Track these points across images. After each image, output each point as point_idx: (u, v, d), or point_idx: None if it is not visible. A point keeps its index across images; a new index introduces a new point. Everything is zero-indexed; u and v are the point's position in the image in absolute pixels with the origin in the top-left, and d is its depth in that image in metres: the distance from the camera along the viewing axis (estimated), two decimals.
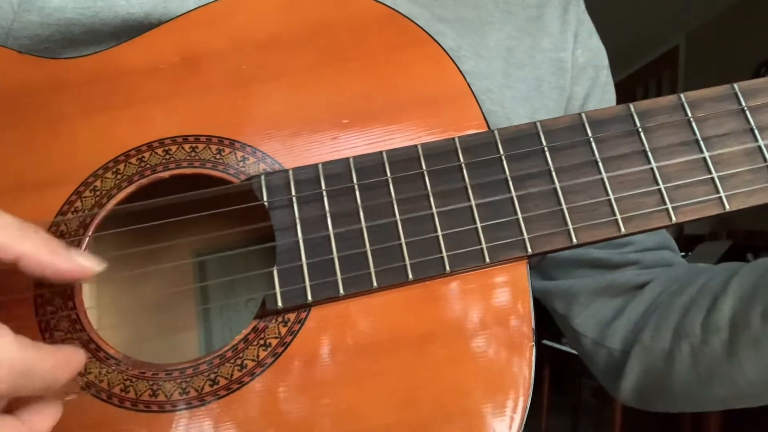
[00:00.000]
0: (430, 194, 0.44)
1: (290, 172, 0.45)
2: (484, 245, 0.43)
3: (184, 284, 0.56)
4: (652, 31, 4.16)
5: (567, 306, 0.69)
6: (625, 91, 4.50)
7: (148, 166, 0.46)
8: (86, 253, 0.40)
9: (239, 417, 0.41)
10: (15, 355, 0.32)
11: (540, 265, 0.73)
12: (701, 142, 0.45)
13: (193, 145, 0.46)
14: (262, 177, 0.45)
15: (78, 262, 0.38)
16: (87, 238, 0.45)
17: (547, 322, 0.70)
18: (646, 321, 0.62)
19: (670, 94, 0.47)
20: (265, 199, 0.44)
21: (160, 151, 0.46)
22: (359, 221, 0.43)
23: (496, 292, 0.43)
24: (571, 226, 0.43)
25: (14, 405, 0.35)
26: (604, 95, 0.71)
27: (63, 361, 0.35)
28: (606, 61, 0.73)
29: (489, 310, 0.43)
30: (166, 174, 0.46)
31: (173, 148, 0.46)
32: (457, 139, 0.45)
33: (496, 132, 0.45)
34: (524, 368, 0.42)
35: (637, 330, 0.63)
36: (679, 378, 0.58)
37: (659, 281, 0.65)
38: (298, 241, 0.43)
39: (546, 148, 0.45)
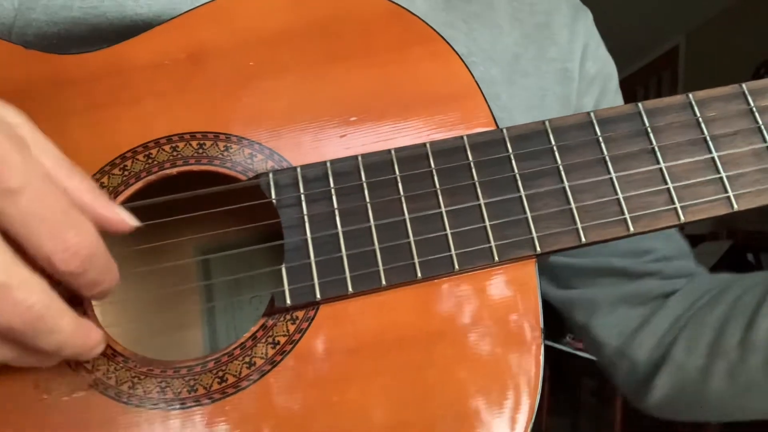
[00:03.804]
0: (439, 192, 0.44)
1: (298, 170, 0.45)
2: (492, 244, 0.43)
3: (188, 282, 0.56)
4: (652, 31, 4.17)
5: (588, 315, 0.68)
6: (626, 91, 4.44)
7: (155, 162, 0.46)
8: (125, 209, 0.39)
9: (247, 414, 0.41)
10: (39, 298, 0.33)
11: (559, 275, 0.72)
12: (709, 142, 0.45)
13: (201, 142, 0.46)
14: (270, 174, 0.45)
15: (117, 212, 0.38)
16: None
17: (548, 322, 0.69)
18: (674, 336, 0.62)
19: (670, 93, 0.47)
20: (273, 196, 0.44)
21: (167, 147, 0.46)
22: (368, 219, 0.43)
23: (505, 291, 0.43)
24: (579, 225, 0.43)
25: None
26: (614, 103, 0.71)
27: (84, 329, 0.36)
28: (615, 71, 0.73)
29: (497, 309, 0.43)
30: (174, 171, 0.45)
31: (180, 144, 0.46)
32: (465, 137, 0.45)
33: (504, 130, 0.45)
34: (532, 368, 0.42)
35: (665, 344, 0.62)
36: (714, 393, 0.58)
37: (685, 294, 0.64)
38: (306, 239, 0.43)
39: (555, 147, 0.45)
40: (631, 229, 0.43)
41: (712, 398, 0.59)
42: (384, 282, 0.42)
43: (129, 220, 0.39)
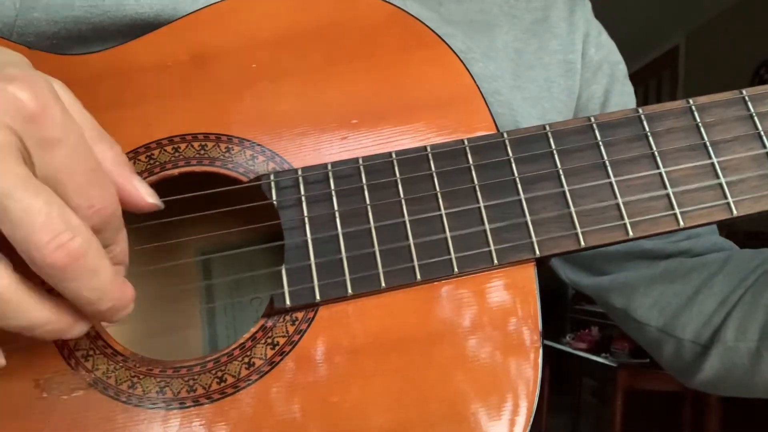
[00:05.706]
0: (439, 195, 0.44)
1: (299, 172, 0.45)
2: (492, 247, 0.43)
3: (189, 282, 0.56)
4: (652, 31, 4.17)
5: (626, 299, 0.68)
6: None
7: (157, 163, 0.46)
8: (149, 188, 0.40)
9: (247, 414, 0.41)
10: (84, 237, 0.33)
11: (591, 264, 0.72)
12: (709, 147, 0.45)
13: (203, 143, 0.46)
14: (272, 176, 0.45)
15: (136, 186, 0.39)
16: None
17: (548, 322, 0.69)
18: (723, 317, 0.61)
19: (670, 93, 0.47)
20: (274, 198, 0.44)
21: (169, 148, 0.46)
22: (368, 221, 0.44)
23: (504, 294, 0.43)
24: (579, 229, 0.44)
25: None
26: (624, 88, 0.71)
27: (121, 278, 0.37)
28: (620, 56, 0.73)
29: (497, 312, 0.43)
30: (176, 171, 0.46)
31: (182, 145, 0.46)
32: (466, 141, 0.45)
33: (505, 134, 0.45)
34: (531, 371, 0.42)
35: (714, 325, 0.62)
36: (766, 375, 0.58)
37: (730, 272, 0.63)
38: (306, 241, 0.43)
39: (555, 151, 0.45)
40: (631, 233, 0.44)
41: (763, 380, 0.58)
42: (383, 284, 0.42)
43: (149, 197, 0.39)
